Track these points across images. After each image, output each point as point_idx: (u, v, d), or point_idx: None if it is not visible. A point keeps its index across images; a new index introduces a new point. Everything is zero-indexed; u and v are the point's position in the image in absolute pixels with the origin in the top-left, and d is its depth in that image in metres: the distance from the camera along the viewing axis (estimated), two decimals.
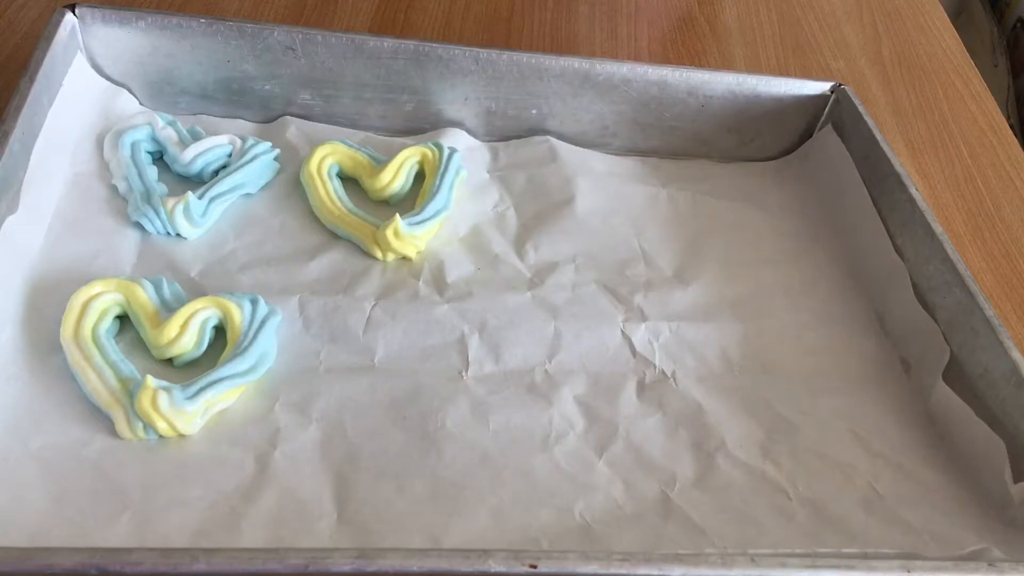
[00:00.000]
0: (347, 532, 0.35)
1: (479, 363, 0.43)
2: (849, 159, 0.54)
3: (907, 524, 0.39)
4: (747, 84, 0.55)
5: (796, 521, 0.38)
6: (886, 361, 0.47)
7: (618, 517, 0.37)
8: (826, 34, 0.76)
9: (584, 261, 0.49)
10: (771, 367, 0.45)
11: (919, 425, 0.44)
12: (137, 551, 0.28)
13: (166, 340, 0.39)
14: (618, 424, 0.41)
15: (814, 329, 0.48)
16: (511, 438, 0.40)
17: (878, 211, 0.51)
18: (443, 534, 0.35)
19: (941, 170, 0.63)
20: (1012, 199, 0.61)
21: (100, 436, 0.37)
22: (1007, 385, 0.41)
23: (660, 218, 0.53)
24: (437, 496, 0.37)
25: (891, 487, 0.40)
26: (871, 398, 0.45)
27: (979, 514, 0.40)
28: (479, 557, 0.30)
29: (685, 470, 0.40)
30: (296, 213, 0.49)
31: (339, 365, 0.41)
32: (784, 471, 0.40)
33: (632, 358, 0.44)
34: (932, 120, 0.68)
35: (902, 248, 0.49)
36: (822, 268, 0.52)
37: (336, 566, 0.29)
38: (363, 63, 0.52)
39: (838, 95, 0.56)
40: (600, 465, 0.39)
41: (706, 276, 0.50)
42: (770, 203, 0.56)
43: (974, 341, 0.43)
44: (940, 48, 0.77)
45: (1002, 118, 0.69)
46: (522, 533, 0.36)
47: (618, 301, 0.47)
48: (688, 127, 0.57)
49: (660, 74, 0.54)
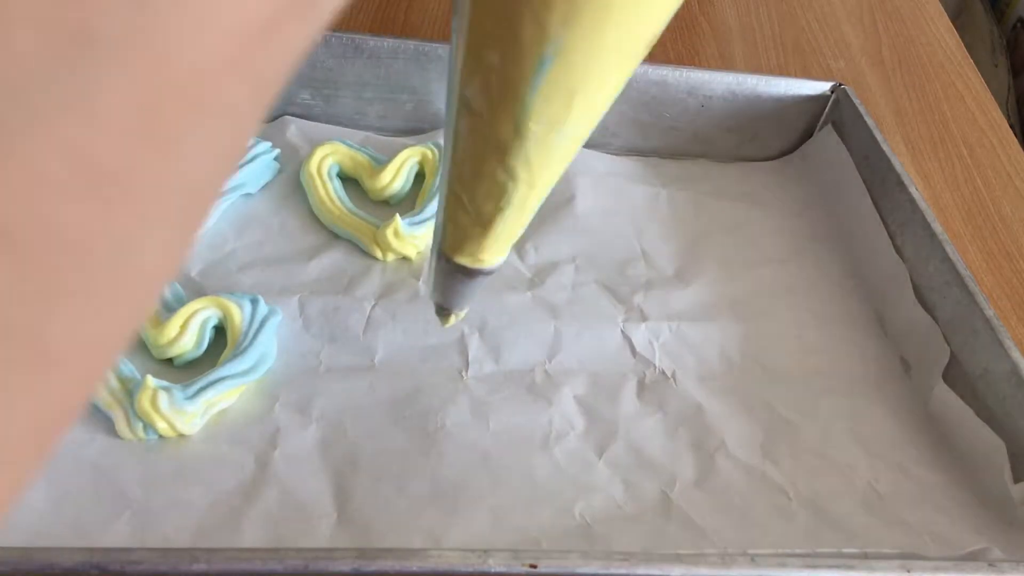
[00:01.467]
0: (347, 532, 0.35)
1: (479, 363, 0.43)
2: (849, 159, 0.54)
3: (907, 524, 0.39)
4: (747, 84, 0.55)
5: (796, 521, 0.38)
6: (886, 361, 0.47)
7: (618, 517, 0.37)
8: (826, 34, 0.76)
9: (584, 261, 0.49)
10: (771, 367, 0.45)
11: (919, 425, 0.44)
12: (137, 551, 0.28)
13: (166, 340, 0.39)
14: (618, 424, 0.41)
15: (814, 329, 0.48)
16: (511, 438, 0.40)
17: (878, 211, 0.51)
18: (443, 534, 0.35)
19: (941, 170, 0.63)
20: (1012, 199, 0.61)
21: (100, 436, 0.37)
22: (1007, 385, 0.41)
23: (660, 218, 0.53)
24: (437, 496, 0.37)
25: (891, 487, 0.40)
26: (871, 398, 0.45)
27: (979, 514, 0.40)
28: (479, 557, 0.30)
29: (685, 470, 0.40)
30: (296, 213, 0.49)
31: (339, 365, 0.41)
32: (784, 471, 0.40)
33: (632, 358, 0.44)
34: (932, 120, 0.68)
35: (902, 248, 0.49)
36: (822, 268, 0.52)
37: (336, 566, 0.29)
38: (363, 63, 0.52)
39: (838, 95, 0.56)
40: (600, 465, 0.39)
41: (706, 276, 0.50)
42: (770, 203, 0.56)
43: (974, 341, 0.43)
44: (940, 48, 0.77)
45: (1002, 118, 0.69)
46: (522, 533, 0.36)
47: (618, 301, 0.47)
48: (688, 127, 0.57)
49: (660, 74, 0.54)
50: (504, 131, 0.22)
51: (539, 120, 0.21)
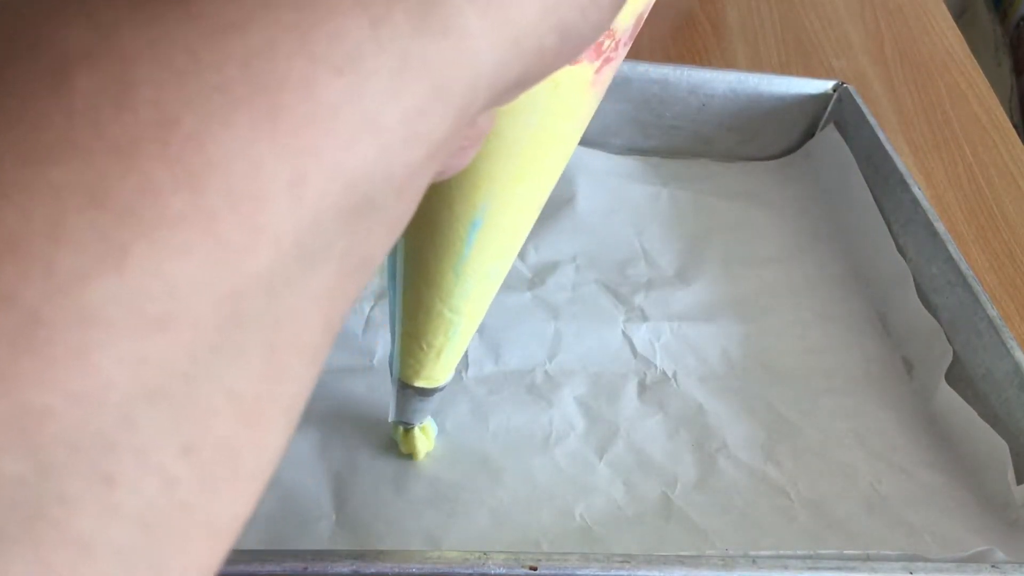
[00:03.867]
0: (346, 533, 0.35)
1: (479, 363, 0.42)
2: (851, 158, 0.54)
3: (909, 525, 0.39)
4: (749, 83, 0.55)
5: (798, 522, 0.38)
6: (888, 361, 0.47)
7: (619, 518, 0.37)
8: (828, 33, 0.76)
9: (584, 261, 0.49)
10: (773, 367, 0.45)
11: (921, 426, 0.43)
12: None
13: None
14: (619, 425, 0.41)
15: (816, 329, 0.48)
16: (511, 439, 0.39)
17: (880, 210, 0.51)
18: (442, 536, 0.35)
19: (944, 169, 0.63)
20: (1015, 199, 0.61)
21: None
22: (1010, 386, 0.41)
23: (661, 217, 0.53)
24: (436, 497, 0.37)
25: (893, 488, 0.40)
26: (873, 399, 0.45)
27: (982, 515, 0.39)
28: (478, 559, 0.29)
29: (686, 471, 0.39)
30: None
31: (338, 365, 0.41)
32: (786, 472, 0.40)
33: (633, 358, 0.44)
34: (935, 119, 0.68)
35: (904, 248, 0.49)
36: (824, 268, 0.51)
37: (335, 568, 0.29)
38: None
39: (840, 94, 0.56)
40: (600, 466, 0.39)
41: (707, 276, 0.50)
42: (772, 202, 0.55)
43: (977, 341, 0.43)
44: (943, 47, 0.77)
45: (1005, 117, 0.69)
46: (522, 534, 0.36)
47: (619, 301, 0.47)
48: (689, 126, 0.57)
49: (661, 73, 0.54)
50: (447, 280, 0.28)
51: (475, 266, 0.28)
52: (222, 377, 0.10)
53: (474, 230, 0.27)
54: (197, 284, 0.09)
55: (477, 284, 0.29)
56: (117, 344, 0.09)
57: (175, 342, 0.09)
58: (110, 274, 0.09)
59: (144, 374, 0.09)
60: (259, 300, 0.10)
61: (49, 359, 0.08)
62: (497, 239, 0.27)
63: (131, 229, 0.09)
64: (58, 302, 0.08)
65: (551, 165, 0.26)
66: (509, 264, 0.29)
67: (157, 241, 0.09)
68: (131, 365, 0.09)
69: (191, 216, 0.09)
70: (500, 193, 0.26)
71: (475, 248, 0.27)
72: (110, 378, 0.09)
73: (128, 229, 0.09)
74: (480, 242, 0.27)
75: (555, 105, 0.24)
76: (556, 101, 0.24)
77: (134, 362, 0.09)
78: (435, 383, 0.34)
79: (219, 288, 0.09)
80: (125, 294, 0.09)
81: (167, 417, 0.09)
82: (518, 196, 0.26)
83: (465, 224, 0.26)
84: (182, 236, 0.09)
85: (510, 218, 0.27)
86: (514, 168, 0.25)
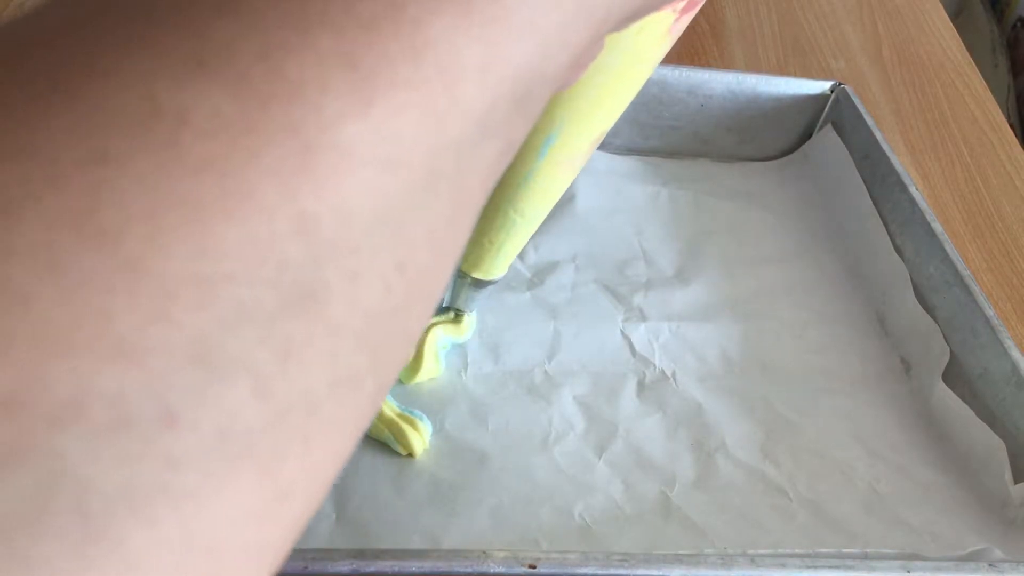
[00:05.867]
0: (346, 532, 0.35)
1: (478, 363, 0.43)
2: (849, 159, 0.54)
3: (907, 524, 0.39)
4: (747, 83, 0.55)
5: (796, 521, 0.38)
6: (886, 361, 0.47)
7: (618, 517, 0.37)
8: (826, 33, 0.76)
9: (584, 261, 0.49)
10: (771, 367, 0.45)
11: (919, 425, 0.44)
12: None
13: None
14: (618, 424, 0.41)
15: (814, 329, 0.48)
16: (510, 438, 0.40)
17: (878, 211, 0.51)
18: (442, 534, 0.35)
19: (941, 170, 0.63)
20: (1012, 199, 0.61)
21: None
22: (1007, 385, 0.41)
23: (660, 217, 0.53)
24: (436, 496, 0.37)
25: (891, 487, 0.40)
26: (871, 398, 0.45)
27: (979, 514, 0.40)
28: (478, 557, 0.30)
29: (685, 470, 0.40)
30: None
31: None
32: (784, 471, 0.40)
33: (632, 358, 0.44)
34: (932, 120, 0.68)
35: (902, 248, 0.49)
36: (822, 268, 0.51)
37: (335, 567, 0.29)
38: None
39: (838, 94, 0.56)
40: (600, 465, 0.39)
41: (706, 276, 0.50)
42: (770, 203, 0.55)
43: (974, 341, 0.43)
44: (940, 48, 0.77)
45: (1002, 118, 0.69)
46: (521, 533, 0.36)
47: (618, 301, 0.47)
48: (688, 126, 0.57)
49: (659, 73, 0.54)
50: (517, 185, 0.34)
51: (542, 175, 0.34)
52: (424, 216, 0.12)
53: (547, 144, 0.32)
54: (415, 136, 0.12)
55: (542, 191, 0.35)
56: (361, 172, 0.11)
57: (397, 178, 0.12)
58: (360, 119, 0.11)
59: (376, 199, 0.11)
60: (451, 160, 0.12)
61: (320, 179, 0.11)
62: (565, 155, 0.33)
63: (373, 87, 0.11)
64: (326, 135, 0.11)
65: (621, 101, 0.32)
66: (571, 178, 0.35)
67: (391, 99, 0.11)
68: (369, 190, 0.11)
69: (414, 82, 0.11)
70: (576, 116, 0.31)
71: (546, 160, 0.33)
72: (356, 199, 0.11)
73: (371, 87, 0.11)
74: (551, 155, 0.33)
75: (637, 46, 0.30)
76: (639, 43, 0.30)
77: (371, 188, 0.11)
78: (491, 276, 0.39)
79: (428, 142, 0.12)
80: (369, 135, 0.11)
81: (388, 238, 0.12)
82: (590, 122, 0.32)
83: (541, 137, 0.32)
84: (406, 97, 0.11)
85: (579, 139, 0.32)
86: (594, 96, 0.31)
